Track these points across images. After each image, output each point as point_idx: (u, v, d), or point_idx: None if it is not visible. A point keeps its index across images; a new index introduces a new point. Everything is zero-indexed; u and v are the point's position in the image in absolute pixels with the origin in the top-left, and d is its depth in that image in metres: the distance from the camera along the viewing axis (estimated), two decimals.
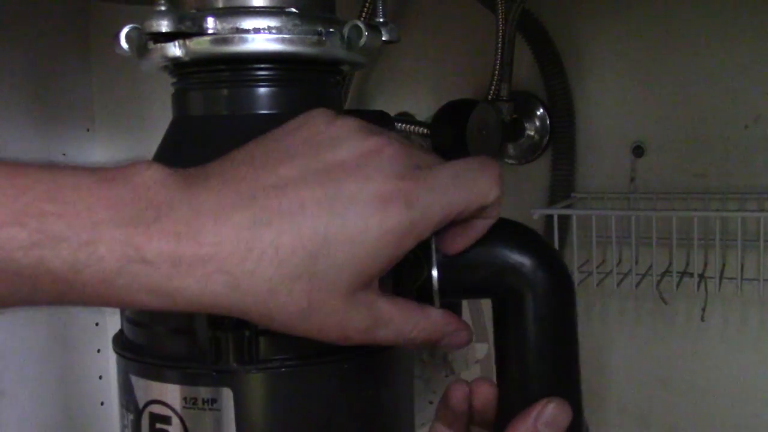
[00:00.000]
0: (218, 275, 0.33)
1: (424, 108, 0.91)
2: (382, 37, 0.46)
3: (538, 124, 0.87)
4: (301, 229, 0.33)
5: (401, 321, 0.37)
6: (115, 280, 0.32)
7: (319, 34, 0.43)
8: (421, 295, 0.41)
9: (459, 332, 0.39)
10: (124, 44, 0.44)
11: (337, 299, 0.35)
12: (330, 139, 0.35)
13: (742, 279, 0.74)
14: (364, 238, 0.34)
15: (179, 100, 0.45)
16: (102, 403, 1.07)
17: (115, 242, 0.32)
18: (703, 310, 0.81)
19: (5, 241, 0.30)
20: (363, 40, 0.43)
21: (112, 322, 1.06)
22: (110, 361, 1.07)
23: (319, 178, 0.34)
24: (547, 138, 0.87)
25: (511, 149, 0.88)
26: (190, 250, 0.33)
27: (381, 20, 0.47)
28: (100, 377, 1.07)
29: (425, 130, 0.85)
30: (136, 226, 0.32)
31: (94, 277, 0.32)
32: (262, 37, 0.42)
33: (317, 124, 0.36)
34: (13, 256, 0.31)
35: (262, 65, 0.43)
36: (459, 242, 0.39)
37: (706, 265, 0.80)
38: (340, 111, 0.42)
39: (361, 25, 0.43)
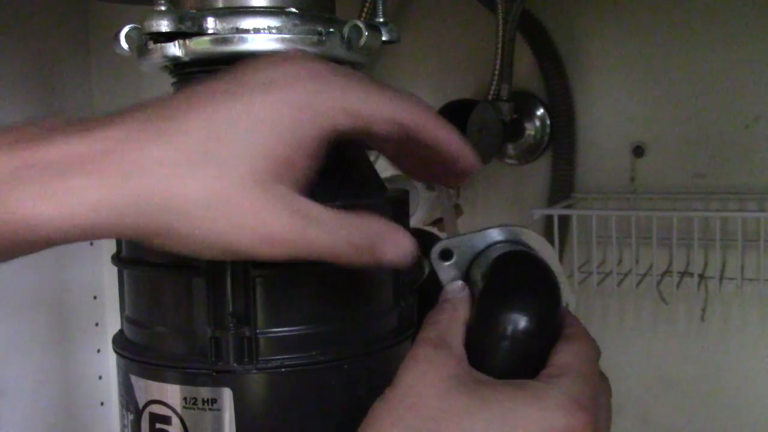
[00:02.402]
0: (110, 165, 0.31)
1: None
2: (382, 37, 0.46)
3: (538, 124, 0.87)
4: (198, 112, 0.32)
5: (335, 222, 0.34)
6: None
7: (319, 34, 0.43)
8: (422, 298, 0.41)
9: (402, 238, 0.36)
10: (124, 44, 0.44)
11: (251, 184, 0.32)
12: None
13: (742, 279, 0.74)
14: (264, 114, 0.33)
15: None
16: (102, 403, 1.07)
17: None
18: (703, 310, 0.81)
19: None
20: (363, 40, 0.43)
21: (112, 322, 1.07)
22: (110, 361, 1.06)
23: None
24: (547, 138, 0.87)
25: (511, 149, 0.88)
26: (79, 148, 0.31)
27: (381, 20, 0.47)
28: (100, 377, 1.07)
29: None
30: (23, 149, 0.31)
31: None
32: (262, 37, 0.42)
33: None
34: None
35: None
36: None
37: (706, 265, 0.80)
38: None
39: (361, 25, 0.43)
